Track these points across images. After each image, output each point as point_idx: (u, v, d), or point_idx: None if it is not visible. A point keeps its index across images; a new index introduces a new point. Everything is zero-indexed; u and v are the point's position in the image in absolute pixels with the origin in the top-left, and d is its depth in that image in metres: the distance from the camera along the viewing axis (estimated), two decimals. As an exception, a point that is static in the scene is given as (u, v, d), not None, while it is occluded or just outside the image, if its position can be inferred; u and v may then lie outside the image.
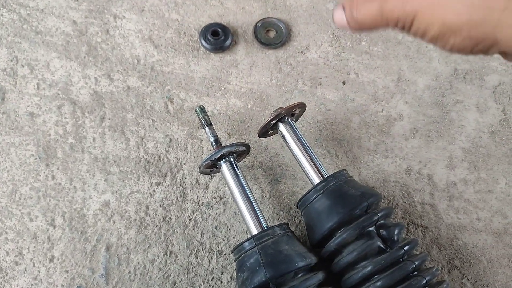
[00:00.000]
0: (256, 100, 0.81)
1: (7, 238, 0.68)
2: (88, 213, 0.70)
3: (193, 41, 0.85)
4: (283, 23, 0.87)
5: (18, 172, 0.72)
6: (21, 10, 0.83)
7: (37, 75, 0.79)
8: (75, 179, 0.72)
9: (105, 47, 0.82)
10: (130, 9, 0.86)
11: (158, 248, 0.69)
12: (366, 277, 0.59)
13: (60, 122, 0.76)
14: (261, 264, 0.57)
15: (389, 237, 0.61)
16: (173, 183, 0.73)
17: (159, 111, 0.78)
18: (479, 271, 0.72)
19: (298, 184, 0.76)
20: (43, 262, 0.67)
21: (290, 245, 0.60)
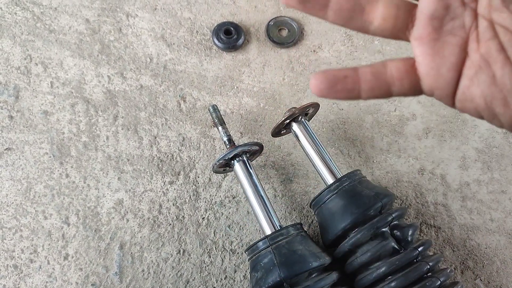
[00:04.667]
0: (269, 99, 0.81)
1: (22, 236, 0.69)
2: (102, 211, 0.71)
3: (205, 40, 0.85)
4: (296, 22, 0.86)
5: (32, 170, 0.72)
6: (34, 9, 0.84)
7: (50, 74, 0.79)
8: (88, 178, 0.73)
9: (118, 45, 0.83)
10: (143, 7, 0.86)
11: (171, 246, 0.70)
12: (380, 277, 0.59)
13: (74, 121, 0.76)
14: (275, 264, 0.57)
15: (403, 237, 0.61)
16: (186, 182, 0.74)
17: (172, 110, 0.79)
18: (492, 272, 0.72)
19: (310, 184, 0.76)
20: (57, 259, 0.68)
21: (304, 245, 0.60)
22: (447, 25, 0.30)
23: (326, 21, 0.32)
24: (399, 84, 0.31)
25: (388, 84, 0.31)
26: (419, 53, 0.30)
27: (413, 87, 0.31)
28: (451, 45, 0.29)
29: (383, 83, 0.31)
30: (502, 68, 0.28)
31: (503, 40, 0.28)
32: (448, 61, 0.29)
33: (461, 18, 0.29)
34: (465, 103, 0.30)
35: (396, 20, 0.31)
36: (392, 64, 0.32)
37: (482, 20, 0.29)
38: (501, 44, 0.28)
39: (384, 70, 0.32)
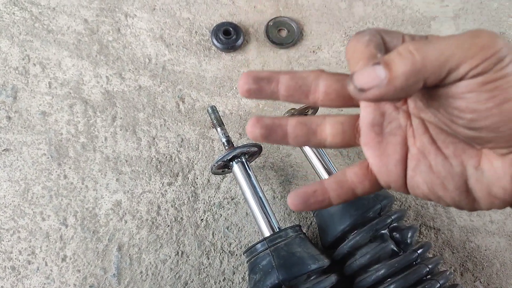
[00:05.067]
0: (268, 100, 0.81)
1: (19, 237, 0.68)
2: (100, 213, 0.71)
3: (204, 40, 0.85)
4: (295, 22, 0.86)
5: (30, 171, 0.72)
6: (32, 9, 0.83)
7: (48, 74, 0.79)
8: (87, 179, 0.72)
9: (116, 46, 0.82)
10: (142, 7, 0.86)
11: (170, 248, 0.69)
12: (379, 280, 0.59)
13: (72, 121, 0.76)
14: (273, 266, 0.57)
15: (402, 240, 0.61)
16: (184, 183, 0.73)
17: (170, 110, 0.78)
18: (492, 274, 0.72)
19: (310, 182, 0.75)
20: (55, 261, 0.68)
21: (303, 247, 0.60)
22: (387, 128, 0.34)
23: (325, 24, 0.33)
24: (361, 186, 0.35)
25: (352, 188, 0.35)
26: (369, 156, 0.34)
27: (373, 185, 0.35)
28: (393, 144, 0.33)
29: (347, 189, 0.35)
30: (435, 158, 0.32)
31: (433, 134, 0.32)
32: (393, 158, 0.33)
33: (397, 120, 0.33)
34: (414, 190, 0.33)
35: (344, 134, 0.35)
36: (351, 171, 0.35)
37: (414, 118, 0.33)
38: (432, 137, 0.32)
39: (345, 178, 0.35)
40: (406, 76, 0.26)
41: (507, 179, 0.29)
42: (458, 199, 0.32)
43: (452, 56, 0.26)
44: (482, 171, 0.30)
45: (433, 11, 0.92)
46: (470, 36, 0.27)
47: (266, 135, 0.35)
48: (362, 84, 0.27)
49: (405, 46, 0.27)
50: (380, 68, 0.26)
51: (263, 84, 0.33)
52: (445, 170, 0.31)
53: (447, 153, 0.32)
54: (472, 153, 0.31)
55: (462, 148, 0.31)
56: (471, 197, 0.31)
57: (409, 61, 0.26)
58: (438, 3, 0.92)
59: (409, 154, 0.33)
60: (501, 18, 0.92)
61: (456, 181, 0.31)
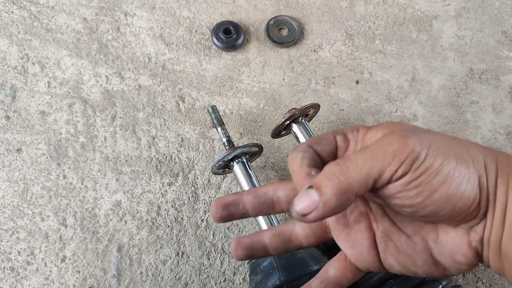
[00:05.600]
0: (268, 99, 0.80)
1: (18, 238, 0.68)
2: (100, 213, 0.70)
3: (204, 39, 0.84)
4: (296, 21, 0.85)
5: (29, 171, 0.71)
6: (31, 7, 0.83)
7: (48, 73, 0.78)
8: (86, 179, 0.72)
9: (116, 45, 0.82)
10: (141, 6, 0.85)
11: (170, 248, 0.69)
12: (381, 281, 0.58)
13: (71, 121, 0.75)
14: (275, 268, 0.57)
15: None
16: (185, 183, 0.73)
17: (170, 110, 0.78)
18: (494, 274, 0.71)
19: (310, 185, 0.75)
20: (54, 262, 0.67)
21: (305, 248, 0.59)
22: (351, 217, 0.35)
23: (326, 23, 0.33)
24: (345, 278, 0.37)
25: (337, 283, 0.37)
26: (343, 247, 0.36)
27: (356, 274, 0.37)
28: (361, 231, 0.35)
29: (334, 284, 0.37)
30: (398, 238, 0.33)
31: (391, 216, 0.34)
32: (364, 245, 0.35)
33: (357, 207, 0.36)
34: (391, 269, 0.35)
35: (315, 234, 0.37)
36: (332, 268, 0.38)
37: (372, 203, 0.35)
38: (391, 219, 0.34)
39: (328, 275, 0.37)
40: (337, 196, 0.28)
41: (465, 247, 0.31)
42: (429, 271, 0.33)
43: (371, 169, 0.28)
44: (442, 243, 0.32)
45: (434, 10, 0.91)
46: (382, 145, 0.29)
47: (250, 254, 0.37)
48: (302, 210, 0.28)
49: (329, 168, 0.29)
50: (314, 192, 0.28)
51: (231, 209, 0.36)
52: (410, 248, 0.33)
53: (408, 232, 0.33)
54: (429, 228, 0.33)
55: (419, 225, 0.33)
56: (441, 267, 0.32)
57: (335, 183, 0.28)
58: (439, 2, 0.92)
59: (376, 237, 0.34)
60: (503, 17, 0.91)
61: (423, 256, 0.32)
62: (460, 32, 0.89)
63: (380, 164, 0.28)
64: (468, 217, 0.30)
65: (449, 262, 0.32)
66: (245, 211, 0.36)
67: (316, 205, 0.28)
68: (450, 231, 0.31)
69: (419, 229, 0.33)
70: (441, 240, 0.32)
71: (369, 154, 0.29)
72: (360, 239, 0.35)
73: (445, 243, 0.32)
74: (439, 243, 0.32)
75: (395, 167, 0.28)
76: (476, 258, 0.31)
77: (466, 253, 0.31)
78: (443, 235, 0.32)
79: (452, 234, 0.31)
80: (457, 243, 0.31)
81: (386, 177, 0.28)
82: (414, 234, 0.33)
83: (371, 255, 0.34)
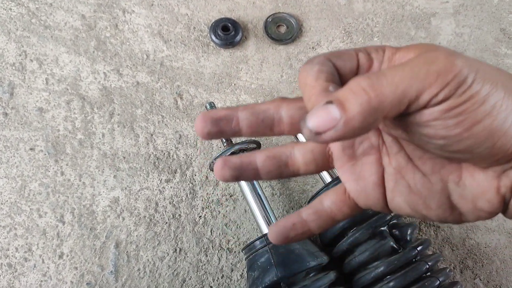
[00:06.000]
0: (267, 96, 0.80)
1: (16, 234, 0.68)
2: (97, 210, 0.70)
3: (202, 36, 0.84)
4: (294, 18, 0.85)
5: (27, 168, 0.71)
6: (29, 4, 0.82)
7: (46, 70, 0.78)
8: (84, 175, 0.72)
9: (114, 42, 0.82)
10: (139, 3, 0.85)
11: (168, 245, 0.69)
12: (379, 277, 0.58)
13: (69, 118, 0.75)
14: (272, 263, 0.57)
15: (402, 237, 0.60)
16: (182, 180, 0.73)
17: (168, 107, 0.78)
18: (491, 271, 0.71)
19: (308, 182, 0.75)
20: (52, 258, 0.67)
21: (302, 244, 0.59)
22: (359, 149, 0.32)
23: (325, 20, 0.32)
24: (340, 213, 0.34)
25: (331, 217, 0.34)
26: (345, 180, 0.33)
27: (353, 209, 0.34)
28: (368, 165, 0.32)
29: (326, 218, 0.34)
30: (413, 177, 0.30)
31: (408, 151, 0.31)
32: (370, 180, 0.32)
33: (368, 139, 0.32)
34: (397, 210, 0.32)
35: (316, 162, 0.34)
36: (328, 199, 0.34)
37: (386, 136, 0.31)
38: (407, 155, 0.31)
39: (323, 208, 0.34)
40: (362, 116, 0.23)
41: (492, 192, 0.27)
42: (443, 216, 0.30)
43: (409, 88, 0.24)
44: (464, 186, 0.29)
45: (433, 7, 0.91)
46: (425, 63, 0.24)
47: (237, 175, 0.33)
48: (317, 127, 0.24)
49: (357, 82, 0.24)
50: (335, 108, 0.24)
51: (222, 125, 0.31)
52: (425, 188, 0.30)
53: (425, 171, 0.30)
54: (451, 168, 0.29)
55: (441, 164, 0.30)
56: (457, 212, 0.30)
57: (364, 100, 0.23)
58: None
59: (385, 174, 0.31)
60: (501, 15, 0.91)
61: (438, 199, 0.30)
62: (458, 29, 0.89)
63: (420, 84, 0.24)
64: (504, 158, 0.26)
65: (468, 207, 0.29)
66: (238, 129, 0.31)
67: (335, 123, 0.23)
68: (477, 173, 0.28)
69: (440, 168, 0.30)
70: (464, 182, 0.29)
71: (408, 71, 0.24)
72: (367, 173, 0.32)
73: (468, 186, 0.28)
74: (461, 186, 0.29)
75: (437, 89, 0.24)
76: (501, 206, 0.28)
77: (492, 199, 0.28)
78: (468, 177, 0.29)
79: (479, 177, 0.28)
80: (483, 187, 0.28)
81: (424, 99, 0.24)
82: (433, 173, 0.30)
83: (376, 192, 0.32)
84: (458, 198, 0.29)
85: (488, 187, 0.28)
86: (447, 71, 0.24)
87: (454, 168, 0.29)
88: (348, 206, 0.33)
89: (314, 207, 0.34)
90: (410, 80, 0.24)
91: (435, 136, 0.26)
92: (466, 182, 0.29)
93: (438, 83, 0.24)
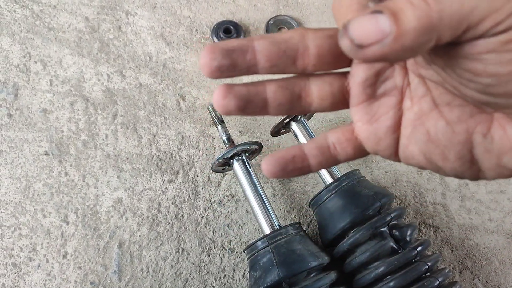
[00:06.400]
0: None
1: (20, 234, 0.69)
2: (101, 210, 0.71)
3: (205, 39, 0.85)
4: (295, 21, 0.86)
5: (31, 168, 0.72)
6: (33, 6, 0.83)
7: (50, 72, 0.79)
8: (88, 176, 0.73)
9: (117, 43, 0.82)
10: (142, 5, 0.86)
11: (170, 245, 0.70)
12: (379, 277, 0.59)
13: (73, 119, 0.76)
14: (274, 264, 0.58)
15: (401, 237, 0.61)
16: (185, 181, 0.74)
17: (171, 108, 0.79)
18: (490, 271, 0.72)
19: (309, 183, 0.76)
20: (56, 258, 0.68)
21: (303, 244, 0.60)
22: (381, 88, 0.29)
23: (325, 22, 0.32)
24: (344, 152, 0.31)
25: (333, 155, 0.31)
26: (357, 120, 0.30)
27: (358, 152, 0.31)
28: (386, 108, 0.29)
29: (329, 156, 0.31)
30: (435, 124, 0.28)
31: (435, 95, 0.28)
32: (384, 125, 0.29)
33: (392, 78, 0.29)
34: (408, 160, 0.30)
35: (333, 96, 0.30)
36: (333, 136, 0.31)
37: (413, 76, 0.28)
38: (433, 99, 0.28)
39: (326, 144, 0.31)
40: (418, 32, 0.20)
41: None
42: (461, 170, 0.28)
43: (475, 9, 0.21)
44: (492, 139, 0.26)
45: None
46: None
47: (243, 106, 0.29)
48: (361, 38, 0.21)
49: None
50: (385, 19, 0.21)
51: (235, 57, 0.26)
52: (446, 138, 0.27)
53: (451, 118, 0.27)
54: (481, 118, 0.26)
55: (470, 112, 0.27)
56: (476, 167, 0.27)
57: (423, 13, 0.20)
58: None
59: (403, 119, 0.29)
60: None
61: (459, 150, 0.27)
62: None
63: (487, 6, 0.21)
64: None
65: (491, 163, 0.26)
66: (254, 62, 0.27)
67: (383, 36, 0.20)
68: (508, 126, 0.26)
69: (468, 117, 0.27)
70: (492, 135, 0.26)
71: None
72: (382, 116, 0.29)
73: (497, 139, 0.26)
74: (488, 138, 0.26)
75: (503, 16, 0.21)
76: None
77: None
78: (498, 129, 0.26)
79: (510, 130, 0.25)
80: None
81: (485, 26, 0.21)
82: (459, 122, 0.27)
83: (388, 138, 0.29)
84: (482, 151, 0.27)
85: None
86: None
87: (484, 118, 0.26)
88: (353, 147, 0.31)
89: (317, 142, 0.31)
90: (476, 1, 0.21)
91: (483, 73, 0.23)
92: (495, 135, 0.26)
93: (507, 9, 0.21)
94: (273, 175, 0.31)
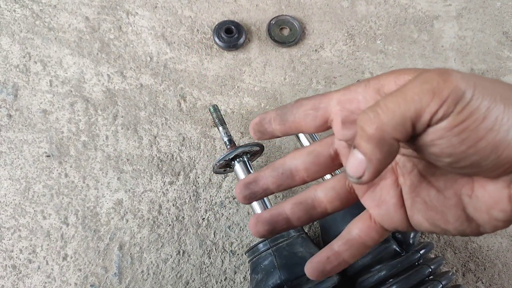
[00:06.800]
0: (270, 99, 0.81)
1: (20, 236, 0.68)
2: (101, 212, 0.70)
3: (206, 39, 0.84)
4: (297, 21, 0.86)
5: (31, 169, 0.72)
6: (33, 6, 0.83)
7: (50, 72, 0.78)
8: (88, 177, 0.72)
9: (117, 44, 0.82)
10: (143, 5, 0.86)
11: (171, 247, 0.69)
12: (381, 280, 0.59)
13: (73, 120, 0.75)
14: (276, 266, 0.57)
15: (404, 240, 0.61)
16: (186, 182, 0.73)
17: (172, 109, 0.78)
18: (493, 274, 0.71)
19: (311, 185, 0.75)
20: (56, 260, 0.67)
21: (305, 247, 0.60)
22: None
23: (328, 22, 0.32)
24: (370, 238, 0.34)
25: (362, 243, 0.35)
26: (369, 207, 0.34)
27: (381, 233, 0.34)
28: (387, 188, 0.33)
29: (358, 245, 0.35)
30: (428, 193, 0.31)
31: (420, 169, 0.32)
32: (391, 203, 0.32)
33: None
34: (419, 228, 0.32)
35: (340, 197, 0.35)
36: (355, 228, 0.35)
37: (399, 156, 0.32)
38: (420, 172, 0.32)
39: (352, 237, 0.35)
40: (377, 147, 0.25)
41: (505, 202, 0.28)
42: (462, 228, 0.30)
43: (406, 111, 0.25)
44: (477, 198, 0.29)
45: (435, 10, 0.91)
46: (416, 84, 0.25)
47: (271, 229, 0.35)
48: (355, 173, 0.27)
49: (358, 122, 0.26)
50: (357, 152, 0.26)
51: (253, 187, 0.35)
52: (440, 204, 0.31)
53: (439, 186, 0.31)
54: (463, 182, 0.30)
55: (453, 178, 0.30)
56: (474, 224, 0.30)
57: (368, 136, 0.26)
58: (441, 2, 0.92)
59: (403, 193, 0.32)
60: (504, 18, 0.92)
61: (455, 213, 0.30)
62: (461, 32, 0.90)
63: (417, 104, 0.25)
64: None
65: (484, 218, 0.29)
66: (266, 186, 0.35)
67: (364, 164, 0.26)
68: (487, 184, 0.28)
69: (452, 183, 0.30)
70: (476, 194, 0.29)
71: (401, 96, 0.25)
72: (387, 197, 0.33)
73: (481, 197, 0.29)
74: (474, 198, 0.29)
75: (435, 107, 0.24)
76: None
77: (505, 208, 0.28)
78: (479, 189, 0.29)
79: (490, 188, 0.28)
80: (495, 198, 0.28)
81: (426, 118, 0.25)
82: (446, 188, 0.30)
83: (398, 214, 0.32)
84: (473, 210, 0.29)
85: (500, 197, 0.28)
86: (441, 88, 0.24)
87: (466, 181, 0.30)
88: (376, 231, 0.34)
89: (343, 238, 0.35)
90: (406, 103, 0.25)
91: (442, 154, 0.26)
92: (478, 194, 0.29)
93: (435, 101, 0.24)
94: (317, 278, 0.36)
